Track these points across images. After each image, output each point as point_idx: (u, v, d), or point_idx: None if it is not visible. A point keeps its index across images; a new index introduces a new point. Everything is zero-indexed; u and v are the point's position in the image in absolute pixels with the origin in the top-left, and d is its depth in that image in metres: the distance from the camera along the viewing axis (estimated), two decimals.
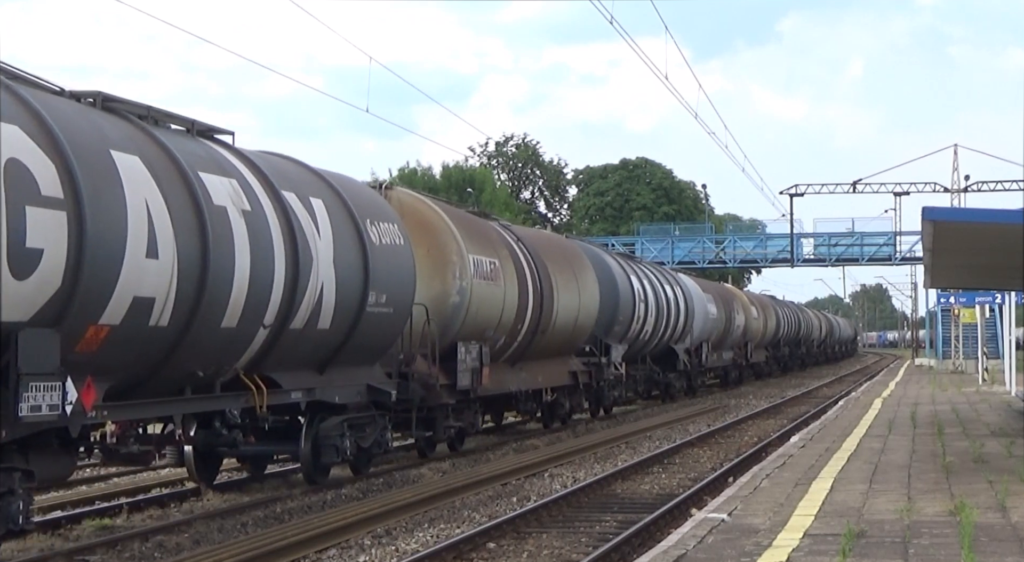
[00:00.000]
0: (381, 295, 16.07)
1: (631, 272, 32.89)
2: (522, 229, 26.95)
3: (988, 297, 41.96)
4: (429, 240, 19.53)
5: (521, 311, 22.44)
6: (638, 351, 34.03)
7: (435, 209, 20.25)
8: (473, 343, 20.26)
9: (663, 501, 15.28)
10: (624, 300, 30.86)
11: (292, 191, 14.63)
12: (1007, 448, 17.75)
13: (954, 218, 16.56)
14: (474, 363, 20.26)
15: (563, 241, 29.87)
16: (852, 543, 9.58)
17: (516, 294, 22.09)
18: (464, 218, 21.55)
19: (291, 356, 14.62)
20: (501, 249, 22.04)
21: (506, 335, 21.96)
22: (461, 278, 19.72)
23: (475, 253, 20.27)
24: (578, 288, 26.29)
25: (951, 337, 64.31)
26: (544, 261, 24.44)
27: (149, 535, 12.59)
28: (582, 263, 27.75)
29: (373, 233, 16.19)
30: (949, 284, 38.08)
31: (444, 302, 19.53)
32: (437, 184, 70.35)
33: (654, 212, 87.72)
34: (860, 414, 26.34)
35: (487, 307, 20.70)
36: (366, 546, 12.38)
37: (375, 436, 17.08)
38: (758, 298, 60.64)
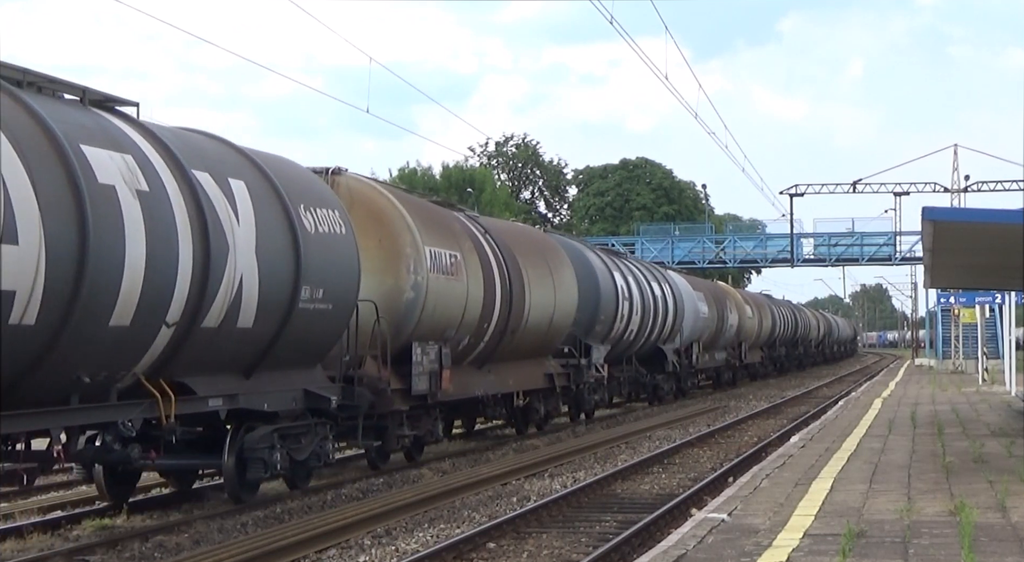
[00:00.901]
0: (317, 289, 14.55)
1: (614, 268, 31.16)
2: (491, 221, 25.06)
3: (988, 297, 41.96)
4: (381, 230, 17.98)
5: (488, 309, 20.80)
6: (623, 352, 32.44)
7: (388, 197, 18.49)
8: (431, 344, 18.70)
9: (663, 501, 15.28)
10: (606, 298, 29.26)
11: (206, 170, 12.90)
12: (1007, 448, 17.75)
13: (954, 218, 16.56)
14: (432, 365, 18.62)
15: (537, 234, 28.07)
16: (852, 543, 9.58)
17: (481, 290, 20.41)
18: (422, 207, 19.80)
19: (207, 359, 13.01)
20: (464, 241, 20.30)
21: (471, 335, 20.37)
22: (416, 272, 18.06)
23: (433, 245, 18.62)
24: (553, 284, 24.70)
25: (951, 337, 64.31)
26: (515, 255, 22.79)
27: (149, 535, 12.59)
28: (559, 258, 26.06)
29: (308, 220, 14.61)
30: (949, 284, 38.09)
31: (397, 298, 17.89)
32: (437, 184, 70.41)
33: (654, 212, 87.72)
34: (860, 414, 26.33)
35: (447, 304, 19.03)
36: (366, 546, 12.38)
37: (313, 447, 15.42)
38: (753, 297, 58.65)
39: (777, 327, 60.54)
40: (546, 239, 27.16)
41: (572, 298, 25.88)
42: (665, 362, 36.64)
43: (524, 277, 22.80)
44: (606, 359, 29.64)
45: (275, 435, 14.54)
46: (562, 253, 26.60)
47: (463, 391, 20.51)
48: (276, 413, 14.60)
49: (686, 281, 41.98)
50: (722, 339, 46.27)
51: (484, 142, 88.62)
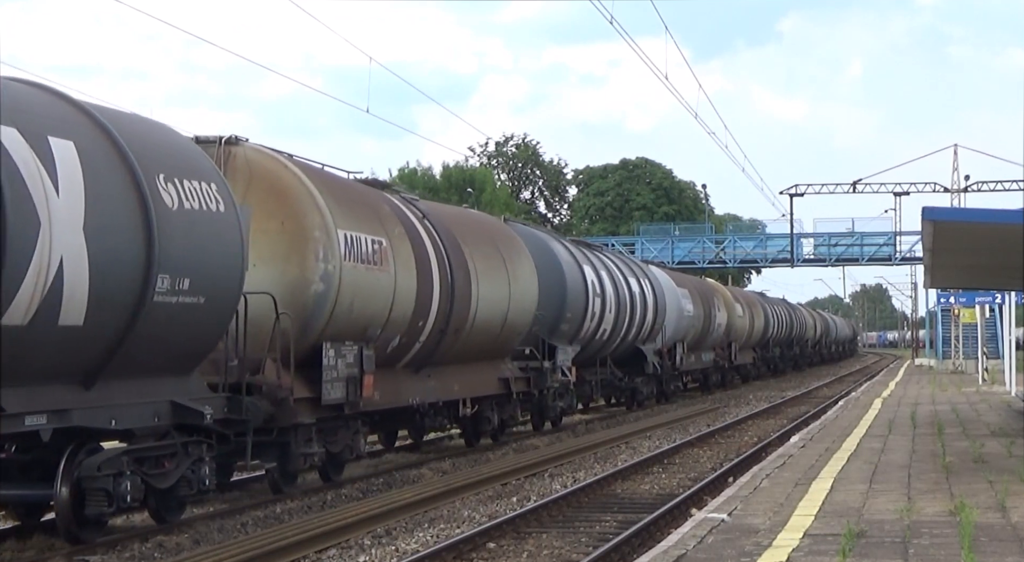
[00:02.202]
0: (181, 279, 11.94)
1: (584, 261, 28.39)
2: (434, 205, 21.93)
3: (988, 297, 41.96)
4: (284, 210, 15.35)
5: (423, 304, 18.12)
6: (595, 353, 29.91)
7: (294, 171, 15.76)
8: (349, 345, 16.02)
9: (663, 501, 15.28)
10: (573, 294, 26.54)
11: (13, 125, 10.43)
12: (1007, 448, 17.76)
13: (954, 218, 16.56)
14: (350, 370, 15.93)
15: (491, 221, 24.71)
16: (852, 543, 9.58)
17: (414, 283, 17.75)
18: (339, 185, 17.10)
19: (15, 366, 10.39)
20: (393, 226, 17.63)
21: (402, 334, 17.73)
22: (326, 260, 15.37)
23: (350, 229, 15.96)
24: (508, 278, 21.96)
25: (951, 337, 64.32)
26: (460, 244, 20.16)
27: (149, 535, 12.58)
28: (515, 248, 23.28)
29: (169, 194, 11.95)
30: (949, 284, 38.08)
31: (303, 291, 15.23)
32: (437, 184, 70.51)
33: (654, 212, 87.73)
34: (860, 414, 26.34)
35: (368, 298, 16.35)
36: (366, 546, 12.39)
37: (183, 471, 12.66)
38: (744, 295, 56.15)
39: (771, 326, 58.33)
40: (501, 227, 24.11)
41: (531, 293, 23.28)
42: (645, 364, 34.12)
43: (470, 269, 20.15)
44: (576, 361, 27.39)
45: (125, 459, 11.84)
46: (519, 243, 23.82)
47: (394, 399, 17.96)
48: (131, 431, 11.99)
49: (669, 277, 39.56)
50: (709, 339, 43.78)
51: (484, 142, 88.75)
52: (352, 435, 16.74)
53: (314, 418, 15.47)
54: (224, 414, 13.37)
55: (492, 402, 22.31)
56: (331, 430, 16.19)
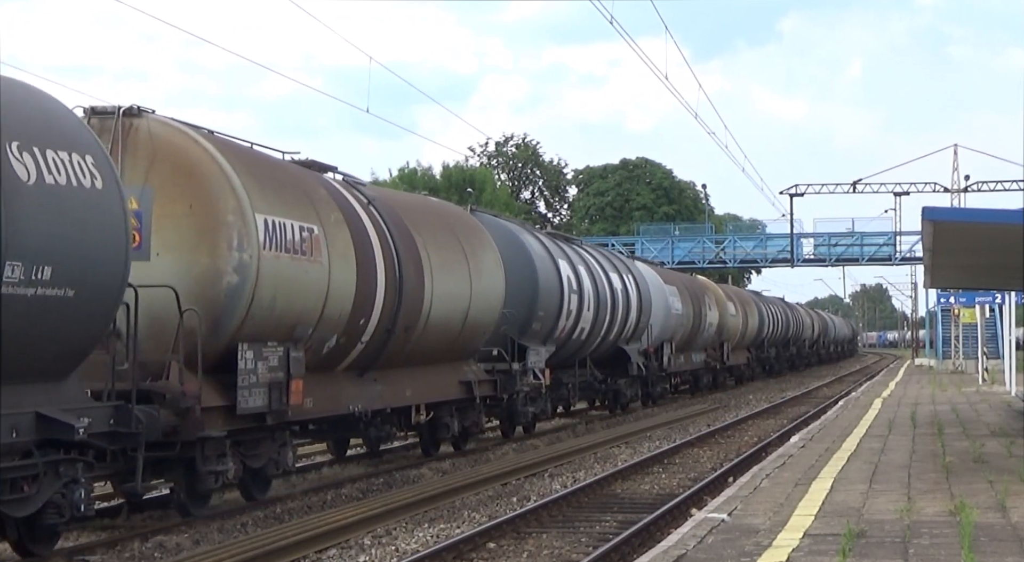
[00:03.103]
0: (39, 268, 10.06)
1: (559, 255, 26.35)
2: (383, 191, 19.70)
3: (988, 297, 41.96)
4: (193, 192, 13.49)
5: (364, 300, 16.16)
6: (573, 354, 27.93)
7: (205, 147, 13.80)
8: (271, 346, 14.08)
9: (663, 501, 15.28)
10: (546, 290, 24.57)
11: None
12: (1007, 448, 17.76)
13: (954, 218, 16.56)
14: (273, 374, 14.00)
15: (451, 210, 22.36)
16: (852, 543, 9.58)
17: (353, 276, 15.84)
18: (262, 164, 15.03)
19: None
20: (328, 212, 15.66)
21: (340, 334, 15.82)
22: (242, 249, 13.47)
23: (273, 214, 14.06)
24: (469, 272, 19.99)
25: (951, 337, 64.33)
26: (413, 234, 18.26)
27: (149, 535, 12.59)
28: (479, 240, 21.19)
29: (25, 165, 10.12)
30: (949, 284, 38.09)
31: (213, 284, 13.35)
32: (437, 184, 70.43)
33: (654, 212, 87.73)
34: (860, 414, 26.34)
35: (295, 293, 14.43)
36: (366, 546, 12.39)
37: (50, 495, 10.68)
38: (737, 293, 53.89)
39: (766, 326, 56.49)
40: (463, 217, 21.97)
41: (497, 289, 21.29)
42: (629, 365, 32.01)
43: (424, 261, 18.27)
44: (551, 363, 25.67)
45: None
46: (484, 234, 21.71)
47: (331, 407, 16.10)
48: None
49: (657, 273, 37.33)
50: (700, 339, 41.68)
51: (484, 142, 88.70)
52: (278, 448, 14.80)
53: (227, 430, 13.43)
54: (110, 427, 11.35)
55: (452, 408, 20.24)
56: (251, 443, 14.31)
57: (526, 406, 23.84)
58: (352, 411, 16.60)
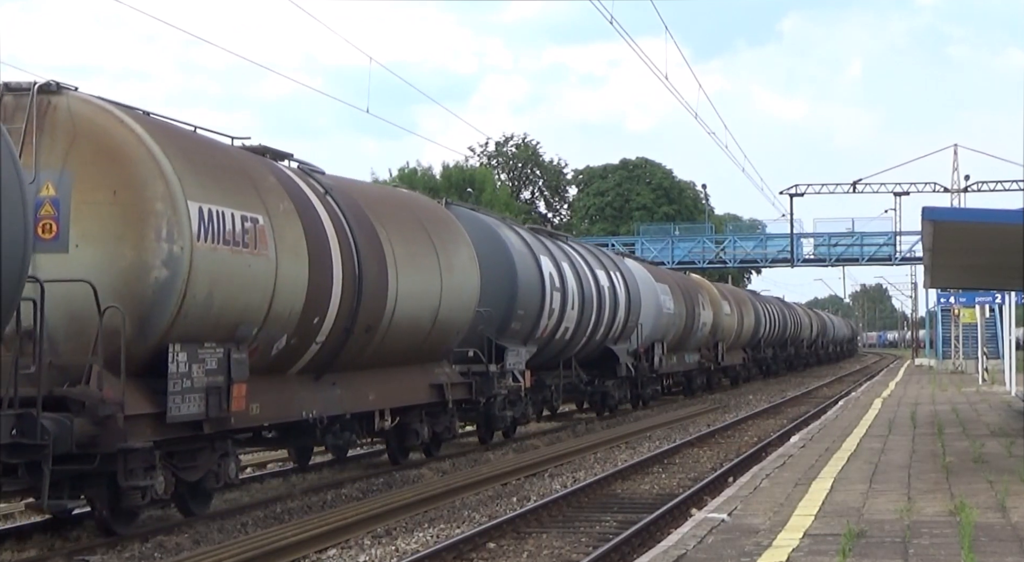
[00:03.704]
0: None
1: (541, 251, 25.08)
2: (344, 180, 18.00)
3: (988, 297, 41.96)
4: (117, 177, 12.21)
5: (318, 297, 14.90)
6: (556, 355, 26.74)
7: (131, 127, 12.47)
8: (209, 347, 12.85)
9: (663, 501, 15.28)
10: (526, 287, 23.28)
11: None
12: (1007, 448, 17.76)
13: (954, 218, 16.56)
14: (211, 378, 12.77)
15: (420, 202, 20.87)
16: (852, 543, 9.58)
17: (305, 270, 14.54)
18: (200, 148, 13.60)
19: None
20: (277, 201, 14.31)
21: (292, 334, 14.54)
22: (171, 240, 12.22)
23: (210, 202, 12.77)
24: (440, 267, 18.70)
25: (951, 337, 64.33)
26: (376, 227, 16.96)
27: (149, 535, 12.59)
28: (451, 234, 19.89)
29: None
30: (949, 284, 38.09)
31: (139, 279, 12.10)
32: (437, 184, 70.43)
33: (654, 212, 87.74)
34: (860, 414, 26.34)
35: (236, 289, 13.13)
36: (366, 546, 12.39)
37: None
38: (733, 292, 52.46)
39: (762, 326, 55.30)
40: (434, 210, 20.65)
41: (471, 286, 20.04)
42: (617, 366, 30.82)
43: (388, 256, 16.99)
44: (533, 364, 24.51)
45: None
46: (457, 228, 20.40)
47: (283, 412, 14.93)
48: None
49: (647, 271, 35.96)
50: (693, 339, 40.48)
51: (484, 142, 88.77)
52: (219, 459, 13.51)
53: (155, 440, 12.20)
54: (12, 438, 10.45)
55: (421, 413, 18.97)
56: (187, 454, 13.04)
57: (504, 410, 22.73)
58: (306, 417, 15.36)
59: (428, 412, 19.17)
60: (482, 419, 22.62)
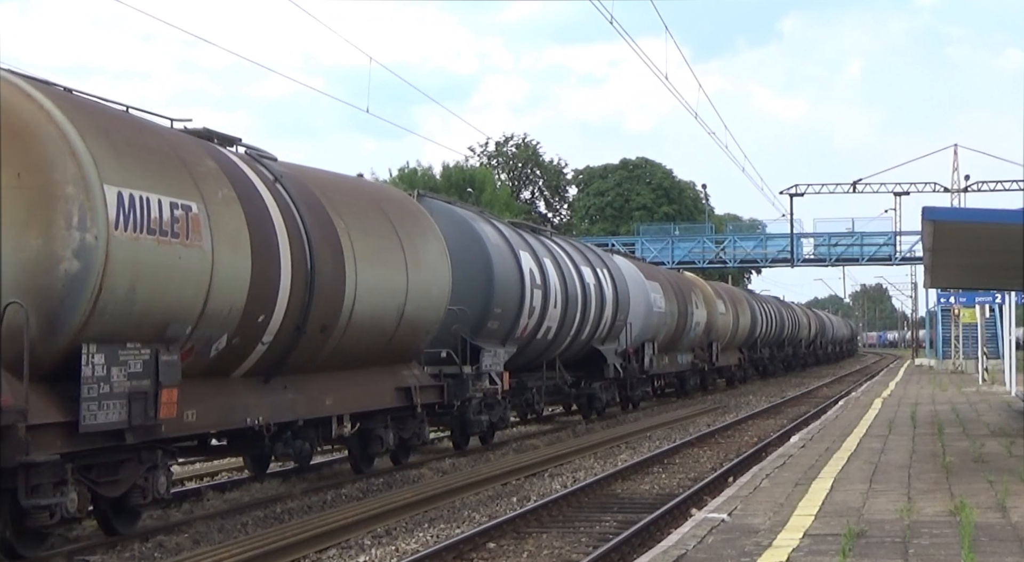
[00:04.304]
0: None
1: (521, 246, 23.78)
2: (297, 167, 16.51)
3: (988, 297, 41.97)
4: (21, 156, 10.84)
5: (263, 293, 13.51)
6: (539, 355, 25.45)
7: (40, 102, 11.16)
8: (132, 348, 11.47)
9: (663, 501, 15.29)
10: (504, 284, 22.03)
11: None
12: (1007, 448, 17.76)
13: (954, 218, 16.56)
14: (135, 383, 11.40)
15: (385, 193, 19.50)
16: (852, 543, 9.58)
17: (248, 263, 13.14)
18: (123, 127, 12.05)
19: None
20: (215, 188, 12.92)
21: (233, 333, 13.17)
22: (84, 228, 10.91)
23: (130, 186, 11.37)
24: (406, 262, 17.34)
25: (951, 337, 64.35)
26: (333, 218, 15.66)
27: (149, 535, 12.59)
28: (419, 226, 18.51)
29: None
30: (949, 284, 38.09)
31: (47, 271, 10.80)
32: (437, 184, 70.45)
33: (654, 212, 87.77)
34: (860, 414, 26.34)
35: (164, 283, 11.74)
36: (366, 546, 12.39)
37: None
38: (728, 290, 50.82)
39: (759, 325, 54.04)
40: (401, 201, 19.13)
41: (441, 283, 18.72)
42: (605, 367, 29.63)
43: (346, 249, 15.69)
44: (513, 365, 23.32)
45: None
46: (426, 221, 19.02)
47: (224, 419, 13.58)
48: None
49: (636, 268, 34.38)
50: (686, 339, 39.12)
51: (484, 142, 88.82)
52: (146, 472, 12.12)
53: (64, 452, 10.88)
54: None
55: (387, 418, 17.63)
56: (107, 468, 11.75)
57: (480, 414, 21.26)
58: (251, 424, 13.99)
59: (395, 417, 17.90)
60: (456, 424, 21.32)
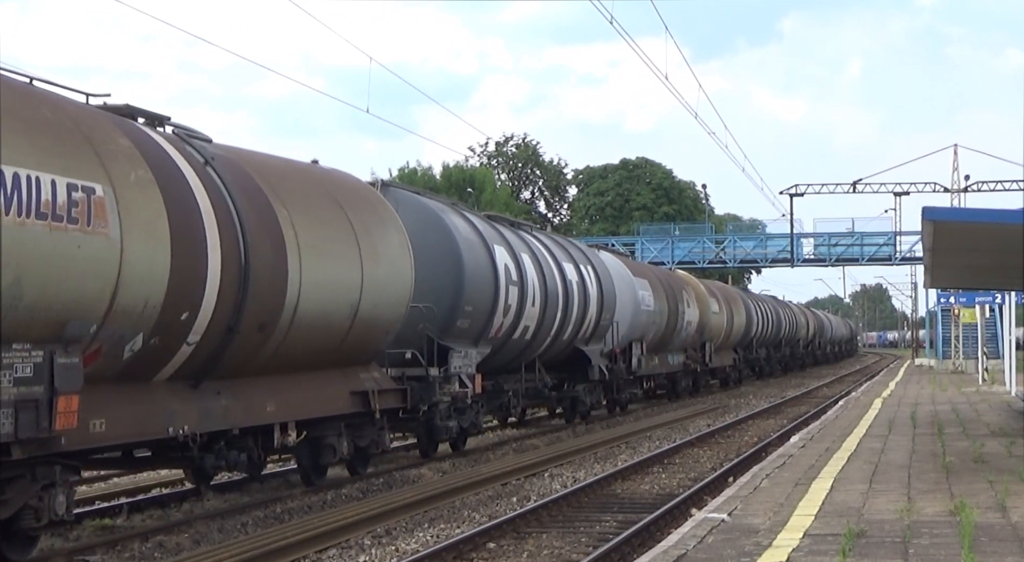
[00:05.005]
0: None
1: (496, 240, 22.32)
2: (235, 149, 15.02)
3: (988, 297, 41.97)
4: None
5: (186, 288, 12.11)
6: (517, 356, 24.07)
7: None
8: (20, 349, 10.10)
9: (663, 501, 15.29)
10: (475, 280, 20.59)
11: None
12: (1007, 448, 17.76)
13: (954, 218, 16.56)
14: (23, 389, 10.03)
15: (337, 179, 17.23)
16: (852, 543, 9.58)
17: (166, 254, 11.71)
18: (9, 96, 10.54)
19: None
20: (127, 168, 11.52)
21: (150, 333, 11.72)
22: None
23: (15, 164, 10.01)
24: (360, 255, 15.90)
25: (951, 337, 64.36)
26: (274, 205, 14.18)
27: (149, 535, 12.60)
28: (377, 217, 17.00)
29: None
30: (949, 284, 38.09)
31: None
32: (437, 184, 70.48)
33: (654, 212, 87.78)
34: (860, 414, 26.34)
35: (59, 275, 10.38)
36: (366, 546, 12.39)
37: None
38: (722, 289, 49.26)
39: (755, 325, 52.72)
40: (356, 189, 17.47)
41: (402, 278, 17.18)
42: (589, 368, 28.15)
43: (289, 240, 14.20)
44: (487, 367, 21.94)
45: None
46: (385, 211, 17.52)
47: (139, 429, 12.05)
48: None
49: (624, 265, 32.85)
50: (677, 339, 37.60)
51: (484, 142, 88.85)
52: (41, 491, 10.77)
53: None
54: None
55: (340, 425, 16.20)
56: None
57: (449, 420, 19.87)
58: (174, 435, 12.50)
59: (351, 424, 16.48)
60: (422, 430, 19.85)
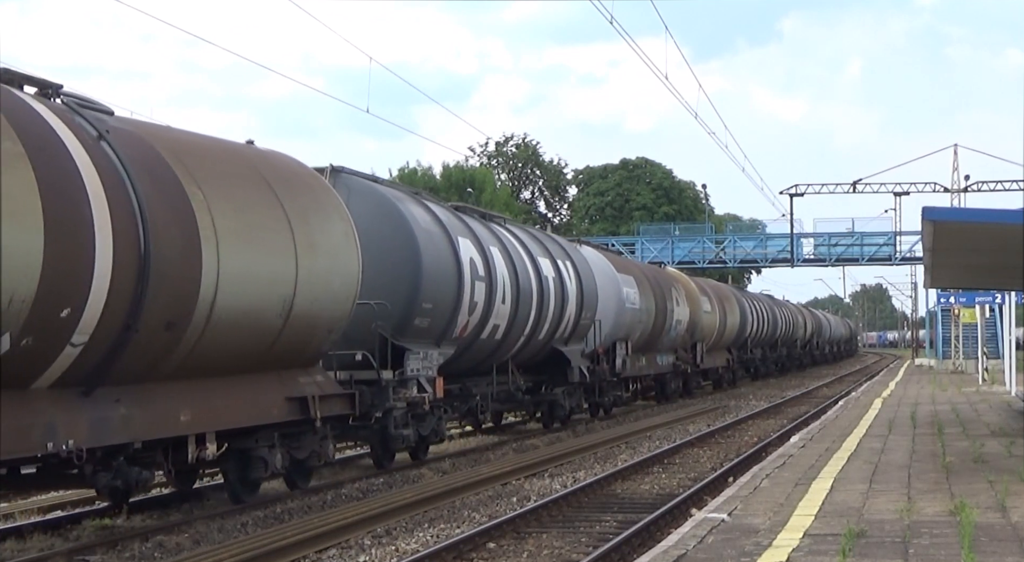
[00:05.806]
0: None
1: (461, 232, 20.54)
2: (138, 123, 13.33)
3: (988, 297, 41.97)
4: None
5: (65, 280, 10.56)
6: (487, 358, 22.22)
7: None
8: None
9: (663, 501, 15.29)
10: (436, 275, 18.90)
11: None
12: (1007, 448, 17.75)
13: (954, 218, 16.56)
14: None
15: (269, 159, 15.23)
16: (852, 543, 9.58)
17: (38, 242, 10.19)
18: None
19: None
20: None
21: (20, 332, 10.23)
22: None
23: None
24: (295, 245, 14.20)
25: (951, 337, 64.36)
26: (186, 186, 12.50)
27: (149, 535, 12.60)
28: (316, 202, 15.22)
29: None
30: (949, 284, 38.10)
31: None
32: (437, 184, 70.48)
33: (654, 212, 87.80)
34: (860, 414, 26.34)
35: None
36: (366, 546, 12.39)
37: None
38: (715, 287, 47.05)
39: (749, 325, 50.91)
40: (292, 170, 15.47)
41: (347, 271, 15.48)
42: (569, 370, 26.37)
43: (203, 226, 12.53)
44: (452, 369, 20.31)
45: None
46: (327, 197, 15.72)
47: (10, 445, 10.38)
48: None
49: (607, 260, 30.95)
50: (666, 338, 35.95)
51: (484, 142, 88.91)
52: None
53: None
54: None
55: (273, 435, 14.58)
56: None
57: (405, 428, 18.08)
58: (56, 451, 10.79)
59: (287, 434, 14.93)
60: (376, 439, 18.15)
